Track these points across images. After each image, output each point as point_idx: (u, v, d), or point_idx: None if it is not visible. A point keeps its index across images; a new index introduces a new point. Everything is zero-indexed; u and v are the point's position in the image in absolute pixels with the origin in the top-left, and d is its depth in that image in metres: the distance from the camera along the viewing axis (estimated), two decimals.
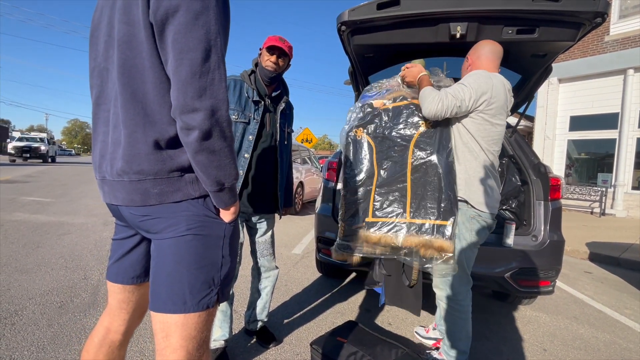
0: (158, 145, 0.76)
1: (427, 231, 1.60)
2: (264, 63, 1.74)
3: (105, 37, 0.81)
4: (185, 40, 0.68)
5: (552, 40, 1.87)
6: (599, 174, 8.95)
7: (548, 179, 2.37)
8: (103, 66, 0.83)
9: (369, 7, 1.82)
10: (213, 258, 0.81)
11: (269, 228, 1.95)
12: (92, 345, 0.95)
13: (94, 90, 0.86)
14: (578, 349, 2.25)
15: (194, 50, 0.68)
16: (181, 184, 0.78)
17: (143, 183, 0.77)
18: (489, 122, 1.59)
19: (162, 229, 0.79)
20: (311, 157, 9.11)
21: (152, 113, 0.75)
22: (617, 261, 4.53)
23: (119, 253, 0.95)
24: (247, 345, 2.00)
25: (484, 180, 1.61)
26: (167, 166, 0.77)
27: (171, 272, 0.78)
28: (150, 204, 0.78)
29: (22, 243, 3.64)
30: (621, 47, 8.14)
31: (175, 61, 0.69)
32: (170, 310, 0.77)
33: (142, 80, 0.74)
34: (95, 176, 0.89)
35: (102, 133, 0.85)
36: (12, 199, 6.54)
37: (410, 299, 1.81)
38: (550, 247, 2.23)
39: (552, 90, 9.32)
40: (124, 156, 0.76)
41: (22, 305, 2.25)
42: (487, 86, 1.54)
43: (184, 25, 0.68)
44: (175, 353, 0.78)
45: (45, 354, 1.75)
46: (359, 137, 1.90)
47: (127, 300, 0.96)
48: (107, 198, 0.86)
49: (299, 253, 4.14)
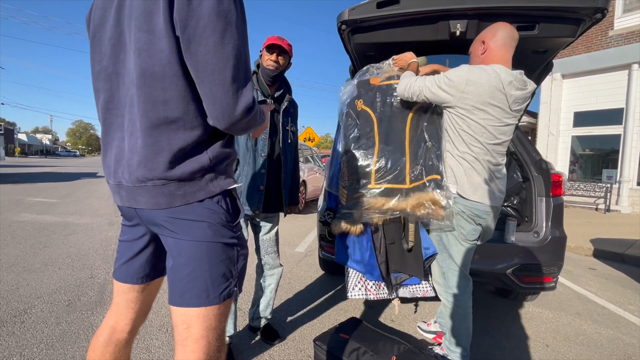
0: (181, 151, 0.78)
1: (422, 188, 1.76)
2: (265, 63, 1.76)
3: (114, 40, 0.82)
4: (216, 60, 0.72)
5: (552, 36, 1.87)
6: (603, 170, 8.87)
7: (549, 175, 2.37)
8: (112, 70, 0.83)
9: (368, 5, 1.83)
10: (230, 253, 0.86)
11: (274, 226, 1.97)
12: (98, 344, 0.97)
13: (103, 94, 0.86)
14: (581, 344, 2.25)
15: (224, 69, 0.73)
16: (202, 184, 0.82)
17: (167, 187, 0.79)
18: (463, 117, 1.59)
19: (184, 229, 0.82)
20: (314, 155, 9.13)
21: (175, 120, 0.77)
22: (622, 257, 4.50)
23: (127, 255, 0.96)
24: (251, 342, 2.03)
25: (469, 172, 1.63)
26: (189, 169, 0.79)
27: (194, 269, 0.81)
28: (175, 206, 0.80)
29: (29, 243, 3.70)
30: (625, 42, 8.05)
31: (208, 81, 0.74)
32: (194, 304, 0.81)
33: (164, 88, 0.76)
34: (108, 181, 0.90)
35: (117, 139, 0.85)
36: (18, 199, 6.63)
37: (412, 263, 1.85)
38: (552, 243, 2.23)
39: (556, 86, 9.25)
40: (146, 164, 0.78)
41: (31, 304, 2.29)
42: (461, 83, 1.53)
43: (212, 46, 0.72)
44: (198, 343, 0.81)
45: (54, 351, 1.79)
46: (359, 108, 1.99)
47: (135, 300, 0.98)
48: (126, 202, 0.86)
49: (302, 251, 4.16)
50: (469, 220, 1.65)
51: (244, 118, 0.79)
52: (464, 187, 1.64)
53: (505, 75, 1.50)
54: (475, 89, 1.51)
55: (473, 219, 1.64)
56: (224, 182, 0.86)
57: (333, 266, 3.13)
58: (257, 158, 1.79)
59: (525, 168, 2.56)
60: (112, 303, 1.01)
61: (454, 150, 1.67)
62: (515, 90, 1.53)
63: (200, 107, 0.79)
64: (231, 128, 0.80)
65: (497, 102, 1.52)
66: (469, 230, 1.66)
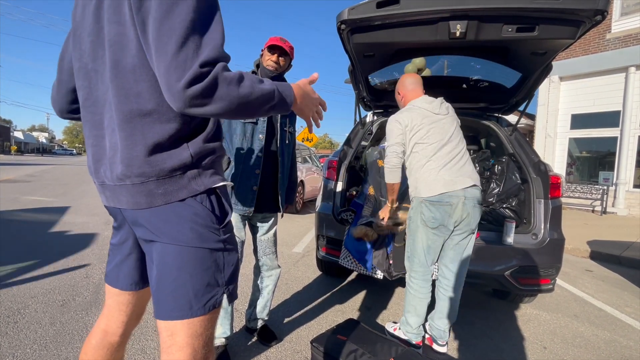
0: (158, 145, 0.74)
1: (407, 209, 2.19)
2: (265, 63, 1.75)
3: (92, 36, 0.78)
4: (160, 35, 0.64)
5: (552, 38, 1.87)
6: (600, 172, 8.91)
7: (548, 177, 2.37)
8: (90, 67, 0.79)
9: (368, 5, 1.82)
10: (215, 259, 0.81)
11: (272, 227, 1.96)
12: (90, 347, 0.94)
13: (81, 93, 0.83)
14: (578, 347, 2.25)
15: (167, 43, 0.64)
16: (184, 182, 0.77)
17: (146, 185, 0.75)
18: (421, 144, 1.93)
19: (165, 232, 0.78)
20: (312, 156, 9.11)
21: (149, 113, 0.73)
22: (618, 259, 4.52)
23: (116, 259, 0.93)
24: (248, 343, 2.01)
25: (422, 174, 1.93)
26: (168, 165, 0.75)
27: (175, 279, 0.77)
28: (156, 205, 0.76)
29: (24, 242, 3.66)
30: (623, 45, 8.10)
31: (156, 62, 0.66)
32: (177, 317, 0.77)
33: (135, 79, 0.72)
34: (94, 181, 0.87)
35: (93, 137, 0.81)
36: (14, 198, 6.57)
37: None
38: (550, 245, 2.23)
39: (554, 88, 9.29)
40: (122, 160, 0.74)
41: (25, 304, 2.26)
42: (399, 130, 1.95)
43: (158, 20, 0.64)
44: (182, 351, 0.77)
45: (48, 352, 1.77)
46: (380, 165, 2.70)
47: (127, 303, 0.95)
48: (111, 202, 0.84)
49: (300, 252, 4.15)
50: (430, 207, 1.88)
51: (199, 94, 0.63)
52: (420, 191, 1.92)
53: (418, 102, 2.00)
54: (410, 124, 1.93)
55: (434, 205, 1.87)
56: (208, 180, 0.80)
57: (331, 267, 3.12)
58: (252, 158, 1.77)
59: (524, 170, 2.56)
60: (104, 305, 0.98)
61: (410, 166, 2.00)
62: (429, 102, 1.98)
63: None
64: (188, 109, 0.66)
65: (426, 116, 1.93)
66: (428, 217, 1.88)
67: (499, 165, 2.84)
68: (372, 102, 3.14)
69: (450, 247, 1.94)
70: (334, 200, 2.66)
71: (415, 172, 1.95)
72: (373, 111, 3.26)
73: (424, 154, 1.91)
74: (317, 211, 2.73)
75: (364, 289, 3.03)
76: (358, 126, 3.07)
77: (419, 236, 1.94)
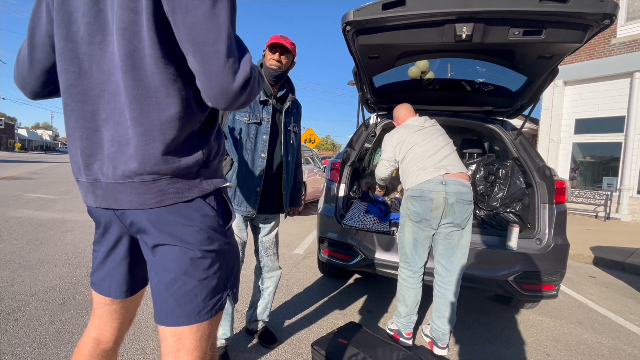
0: (174, 142, 0.71)
1: None
2: (268, 62, 1.73)
3: (88, 18, 0.71)
4: (207, 31, 0.65)
5: (559, 41, 1.85)
6: (604, 177, 8.86)
7: (553, 181, 2.35)
8: (83, 51, 0.72)
9: (374, 7, 1.81)
10: (222, 262, 0.80)
11: (274, 228, 1.95)
12: (81, 356, 0.90)
13: (65, 77, 0.74)
14: (582, 354, 2.22)
15: (217, 41, 0.65)
16: (197, 181, 0.76)
17: (158, 183, 0.72)
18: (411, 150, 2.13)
19: (173, 234, 0.74)
20: (314, 157, 9.10)
21: (166, 107, 0.70)
22: (622, 266, 4.48)
23: (109, 265, 0.87)
24: (248, 345, 1.99)
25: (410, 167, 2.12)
26: (183, 163, 0.72)
27: (182, 285, 0.75)
28: (165, 205, 0.73)
29: (25, 239, 3.66)
30: (628, 50, 8.06)
31: (201, 56, 0.66)
32: (184, 323, 0.75)
33: (152, 72, 0.68)
34: (78, 178, 0.79)
35: (81, 129, 0.74)
36: (16, 195, 6.59)
37: None
38: (554, 251, 2.20)
39: (558, 93, 9.25)
40: (137, 156, 0.70)
41: (25, 302, 2.26)
42: (391, 147, 2.21)
43: (202, 16, 0.64)
44: (191, 354, 0.76)
45: (47, 350, 1.76)
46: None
47: (120, 310, 0.90)
48: (102, 202, 0.76)
49: (301, 253, 4.13)
50: (413, 202, 2.02)
51: (243, 92, 0.69)
52: (405, 184, 2.13)
53: (408, 121, 2.26)
54: (400, 139, 2.18)
55: (416, 200, 2.00)
56: (217, 180, 0.80)
57: (332, 269, 3.10)
58: (255, 159, 1.76)
59: (529, 174, 2.54)
60: (93, 314, 0.91)
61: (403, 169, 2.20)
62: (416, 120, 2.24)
63: (193, 92, 0.72)
64: (231, 106, 0.71)
65: (413, 127, 2.18)
66: (412, 211, 2.03)
67: (503, 169, 2.82)
68: (376, 104, 3.13)
69: (439, 241, 2.02)
70: (337, 202, 2.64)
71: (404, 171, 2.17)
72: (377, 113, 3.25)
73: (412, 156, 2.13)
74: (320, 213, 2.71)
75: (366, 291, 3.01)
76: (361, 128, 3.06)
77: (406, 230, 2.09)
